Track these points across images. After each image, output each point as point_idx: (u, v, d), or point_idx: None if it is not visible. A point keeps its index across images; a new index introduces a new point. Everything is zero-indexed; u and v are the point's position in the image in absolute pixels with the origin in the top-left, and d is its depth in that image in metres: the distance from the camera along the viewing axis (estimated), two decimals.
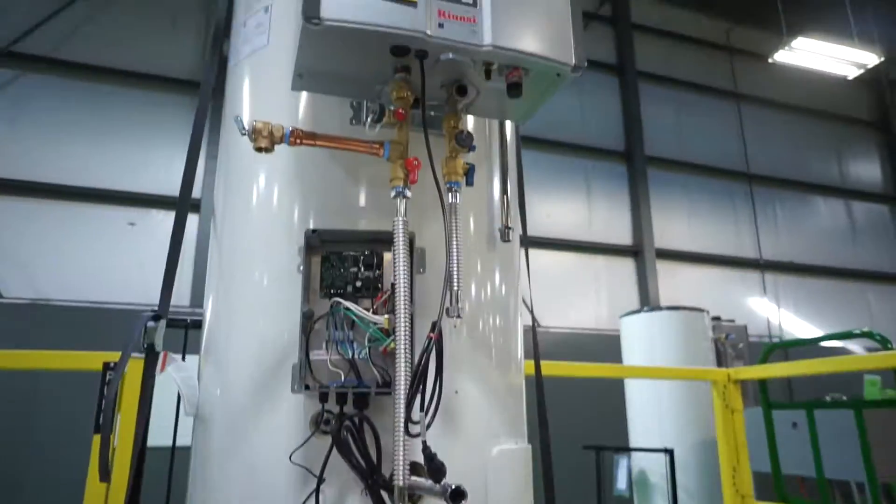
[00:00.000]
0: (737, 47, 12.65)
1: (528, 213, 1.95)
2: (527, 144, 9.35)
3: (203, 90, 1.80)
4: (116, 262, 7.34)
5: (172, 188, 7.63)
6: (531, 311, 1.91)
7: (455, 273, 1.24)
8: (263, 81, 1.67)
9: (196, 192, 6.90)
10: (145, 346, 1.49)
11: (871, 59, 9.10)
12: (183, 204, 1.59)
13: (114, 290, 7.15)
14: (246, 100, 1.70)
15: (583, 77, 1.33)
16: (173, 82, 8.19)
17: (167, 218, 7.66)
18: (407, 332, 1.17)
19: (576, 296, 9.78)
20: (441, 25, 1.18)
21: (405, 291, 1.18)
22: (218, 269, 1.65)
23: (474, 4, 1.22)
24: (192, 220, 7.40)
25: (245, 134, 1.27)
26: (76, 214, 7.41)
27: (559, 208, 10.12)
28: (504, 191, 1.66)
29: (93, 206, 7.49)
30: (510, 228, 1.61)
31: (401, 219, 1.23)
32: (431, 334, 1.16)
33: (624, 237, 10.49)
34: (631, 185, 10.76)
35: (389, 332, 1.26)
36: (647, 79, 11.51)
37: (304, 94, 1.55)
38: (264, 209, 1.55)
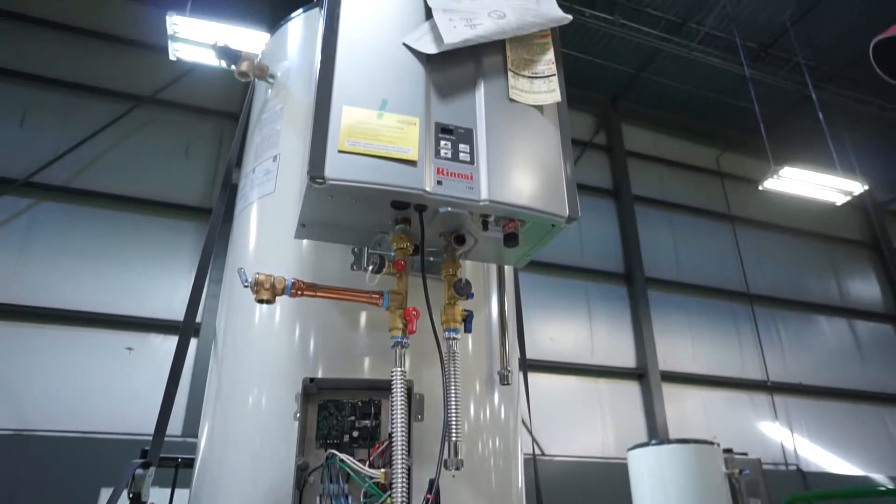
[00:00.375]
0: (727, 172, 13.15)
1: (529, 336, 1.94)
2: (526, 267, 9.47)
3: (212, 226, 1.85)
4: (112, 388, 7.10)
5: (172, 313, 7.61)
6: (535, 462, 1.85)
7: (453, 423, 1.22)
8: (269, 225, 1.73)
9: (197, 316, 6.87)
10: (131, 495, 1.43)
11: (856, 187, 9.45)
12: (179, 360, 1.58)
13: (108, 419, 6.86)
14: (252, 242, 1.75)
15: (580, 201, 1.38)
16: (182, 209, 8.39)
17: (166, 342, 7.57)
18: (404, 491, 1.12)
19: (580, 421, 9.47)
20: (440, 182, 1.24)
21: (402, 447, 1.15)
22: (214, 403, 1.63)
23: (471, 162, 1.29)
24: (192, 344, 7.29)
25: (247, 286, 1.29)
26: (70, 339, 7.24)
27: (561, 331, 10.05)
28: (503, 332, 1.67)
29: (89, 331, 7.35)
30: (509, 371, 1.60)
31: (399, 370, 1.22)
32: (429, 495, 1.12)
33: (627, 360, 10.33)
34: (632, 306, 10.76)
35: (386, 487, 1.21)
36: (643, 202, 11.87)
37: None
38: (263, 345, 1.56)
